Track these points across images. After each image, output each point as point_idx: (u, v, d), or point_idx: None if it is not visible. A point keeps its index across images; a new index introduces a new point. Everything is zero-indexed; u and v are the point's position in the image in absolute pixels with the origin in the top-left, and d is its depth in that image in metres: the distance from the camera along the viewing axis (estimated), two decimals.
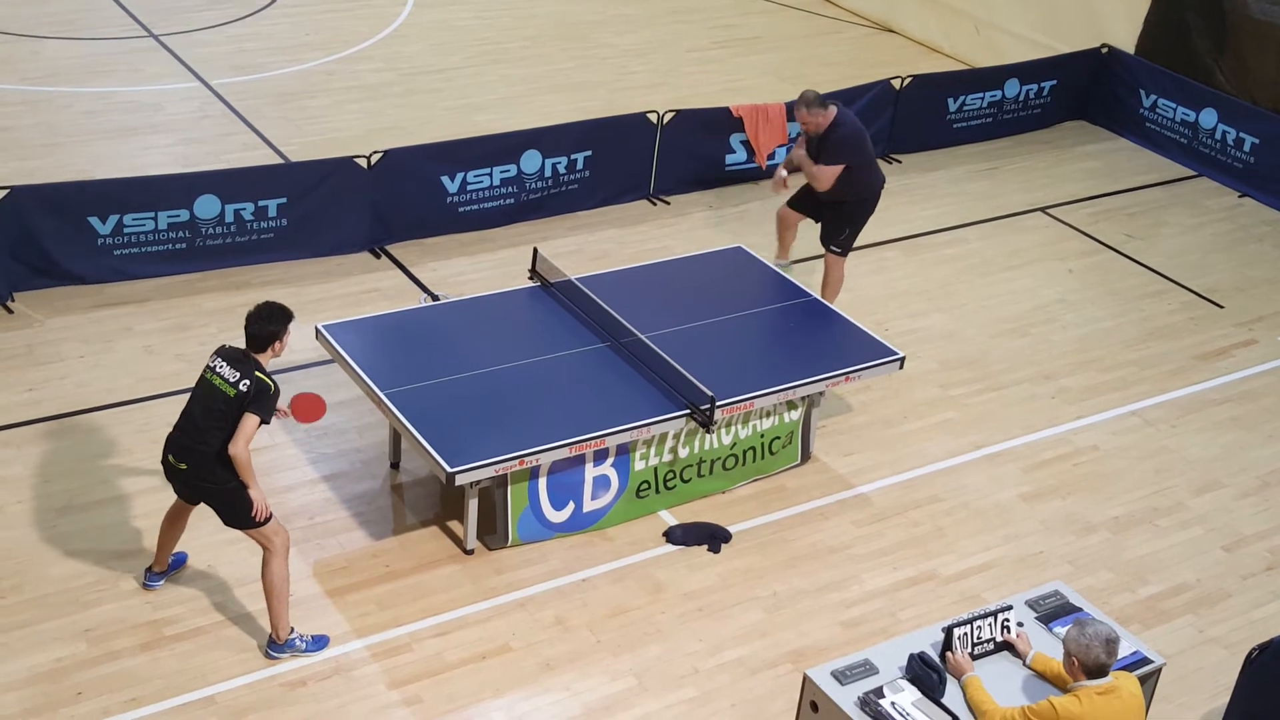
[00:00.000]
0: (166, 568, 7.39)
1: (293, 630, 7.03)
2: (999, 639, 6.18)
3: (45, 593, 7.27)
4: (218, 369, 6.69)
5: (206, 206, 10.03)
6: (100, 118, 12.28)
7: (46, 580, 7.35)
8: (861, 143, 9.49)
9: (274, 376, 6.71)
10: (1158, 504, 8.82)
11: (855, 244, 9.94)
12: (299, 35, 14.39)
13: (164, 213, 9.91)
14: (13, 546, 7.55)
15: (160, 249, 10.01)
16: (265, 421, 6.62)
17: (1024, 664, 6.10)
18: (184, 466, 6.77)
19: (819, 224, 9.84)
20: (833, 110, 9.37)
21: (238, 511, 6.75)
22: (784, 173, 9.77)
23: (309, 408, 7.12)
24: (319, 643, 7.09)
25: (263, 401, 6.59)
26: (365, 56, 14.09)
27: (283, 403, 6.95)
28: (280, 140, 12.15)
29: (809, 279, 10.04)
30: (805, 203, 9.85)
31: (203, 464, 6.70)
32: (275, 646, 7.00)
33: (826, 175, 9.40)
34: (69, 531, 7.70)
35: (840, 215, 9.70)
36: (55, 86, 12.76)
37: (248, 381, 6.58)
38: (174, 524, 7.23)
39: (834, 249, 9.77)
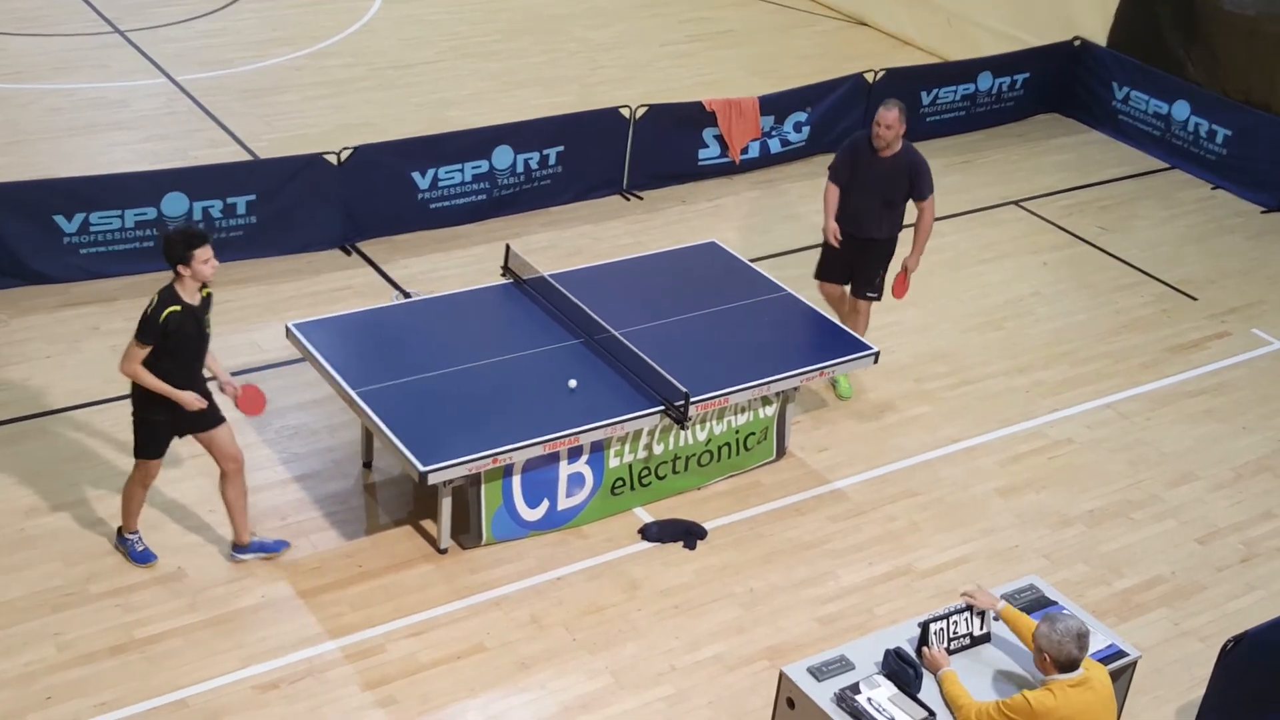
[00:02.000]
0: (249, 542, 7.54)
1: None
2: (975, 633, 6.16)
3: (12, 597, 7.18)
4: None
5: (174, 204, 9.93)
6: (65, 115, 12.15)
7: (14, 584, 7.26)
8: None
9: (167, 298, 6.82)
10: (1132, 497, 8.83)
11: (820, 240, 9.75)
12: (267, 30, 14.28)
13: (131, 211, 9.81)
14: None
15: (127, 247, 9.91)
16: (142, 342, 6.81)
17: (994, 617, 6.08)
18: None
19: (848, 282, 9.27)
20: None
21: (136, 435, 7.16)
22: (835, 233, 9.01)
23: (251, 401, 7.32)
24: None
25: (140, 324, 6.82)
26: (334, 52, 13.99)
27: (232, 383, 7.27)
28: (249, 137, 12.05)
29: (797, 277, 10.01)
30: (836, 268, 9.20)
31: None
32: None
33: (932, 209, 8.97)
34: (36, 534, 7.60)
35: (875, 256, 9.12)
36: (19, 84, 12.62)
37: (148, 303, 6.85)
38: (226, 489, 7.40)
39: (870, 295, 9.23)
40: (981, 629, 6.20)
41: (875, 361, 8.64)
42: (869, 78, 12.84)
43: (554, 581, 7.67)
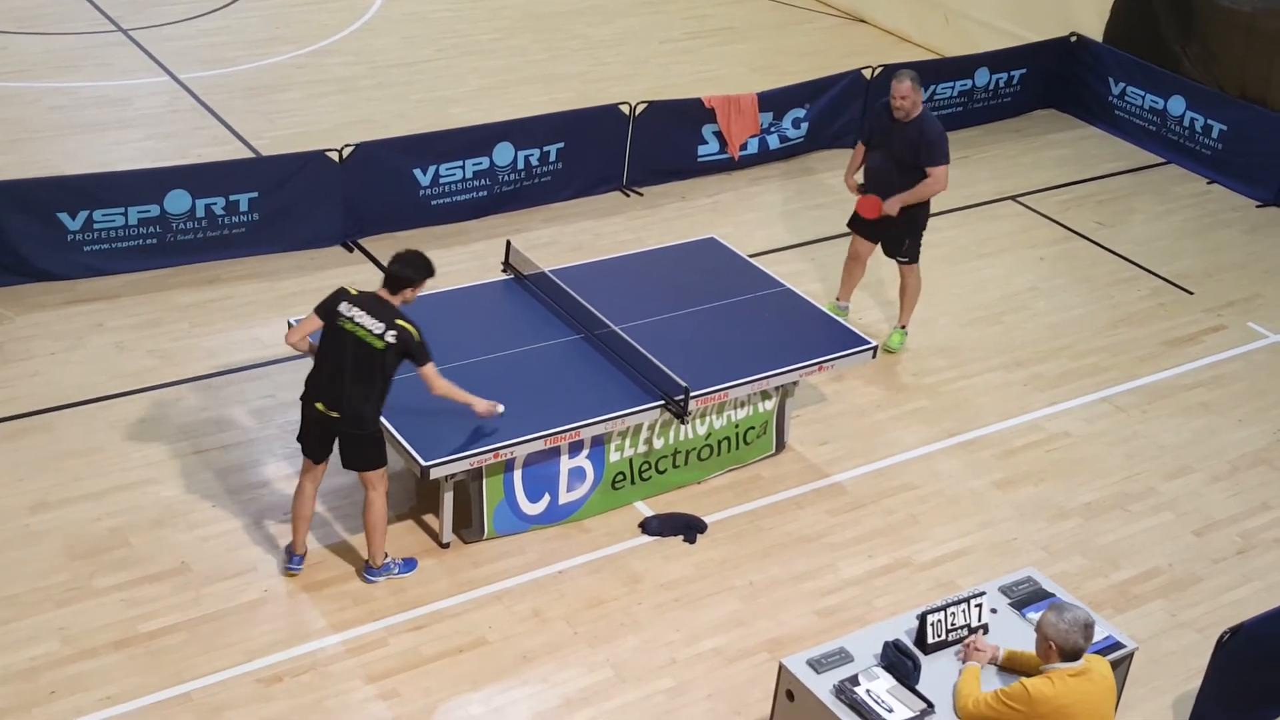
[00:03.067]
0: (306, 549, 7.52)
1: (387, 556, 7.40)
2: (973, 624, 6.21)
3: (17, 591, 7.23)
4: (356, 319, 6.86)
5: (177, 202, 9.98)
6: (68, 113, 12.19)
7: (19, 578, 7.31)
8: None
9: (410, 320, 6.93)
10: (1129, 489, 8.89)
11: (838, 232, 9.82)
12: (269, 29, 14.32)
13: (134, 208, 9.86)
14: None
15: (131, 245, 9.96)
16: (430, 361, 6.95)
17: (997, 669, 6.09)
18: (336, 415, 6.96)
19: (880, 242, 9.65)
20: (921, 97, 9.10)
21: (369, 455, 7.15)
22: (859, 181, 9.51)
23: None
24: (409, 565, 7.50)
25: (419, 352, 6.89)
26: (336, 50, 14.04)
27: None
28: (251, 134, 12.09)
29: (793, 273, 10.06)
30: (866, 225, 9.54)
31: (354, 413, 6.94)
32: (371, 570, 7.37)
33: (941, 178, 9.19)
34: (41, 530, 7.66)
35: (903, 222, 9.45)
36: (22, 82, 12.66)
37: (394, 333, 6.79)
38: (305, 500, 7.34)
39: (903, 259, 9.58)
40: (979, 620, 6.25)
41: (874, 356, 8.70)
42: (867, 74, 12.88)
43: (555, 575, 7.72)
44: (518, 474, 7.76)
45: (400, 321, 6.84)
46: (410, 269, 6.98)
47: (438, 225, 11.02)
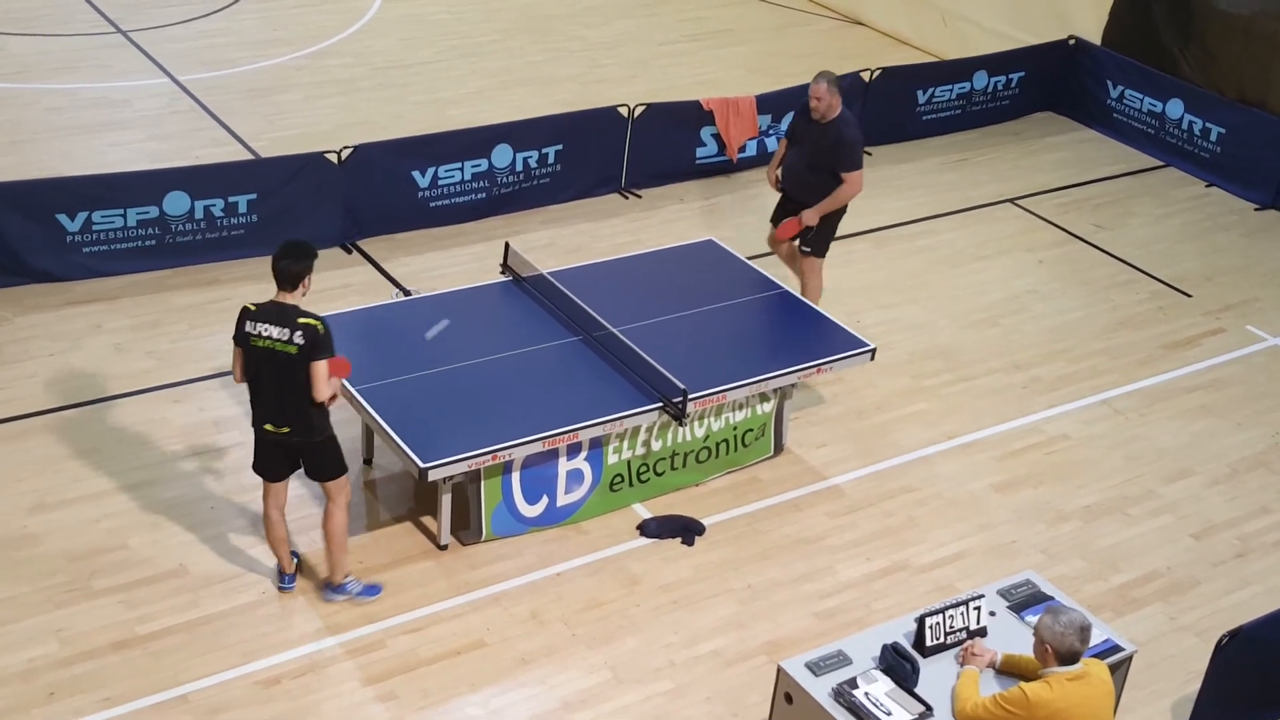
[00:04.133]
0: (294, 568, 7.45)
1: (349, 575, 7.26)
2: (972, 627, 6.21)
3: (16, 593, 7.23)
4: (263, 333, 6.72)
5: (176, 203, 9.98)
6: (67, 114, 12.19)
7: (17, 580, 7.31)
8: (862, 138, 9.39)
9: (314, 313, 6.77)
10: (1128, 492, 8.89)
11: (835, 234, 9.83)
12: (268, 30, 14.32)
13: (133, 209, 9.85)
14: None
15: (130, 246, 9.96)
16: (330, 356, 6.73)
17: (995, 673, 6.09)
18: (286, 430, 6.89)
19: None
20: (839, 100, 9.13)
21: (327, 462, 7.05)
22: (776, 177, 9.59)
23: (339, 367, 7.11)
24: (371, 590, 7.33)
25: (321, 345, 6.70)
26: (335, 51, 14.04)
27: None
28: (250, 136, 12.09)
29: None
30: (781, 217, 9.60)
31: (302, 423, 6.87)
32: (331, 588, 7.25)
33: (856, 183, 9.22)
34: (40, 531, 7.65)
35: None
36: (21, 83, 12.66)
37: (299, 333, 6.66)
38: (276, 523, 7.25)
39: (805, 249, 9.53)
40: (978, 623, 6.25)
41: (872, 358, 8.70)
42: (865, 77, 12.88)
43: (553, 577, 7.72)
44: (516, 476, 7.75)
45: (302, 320, 6.66)
46: (297, 259, 6.75)
47: (436, 227, 11.02)
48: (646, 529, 8.12)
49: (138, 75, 13.04)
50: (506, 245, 9.08)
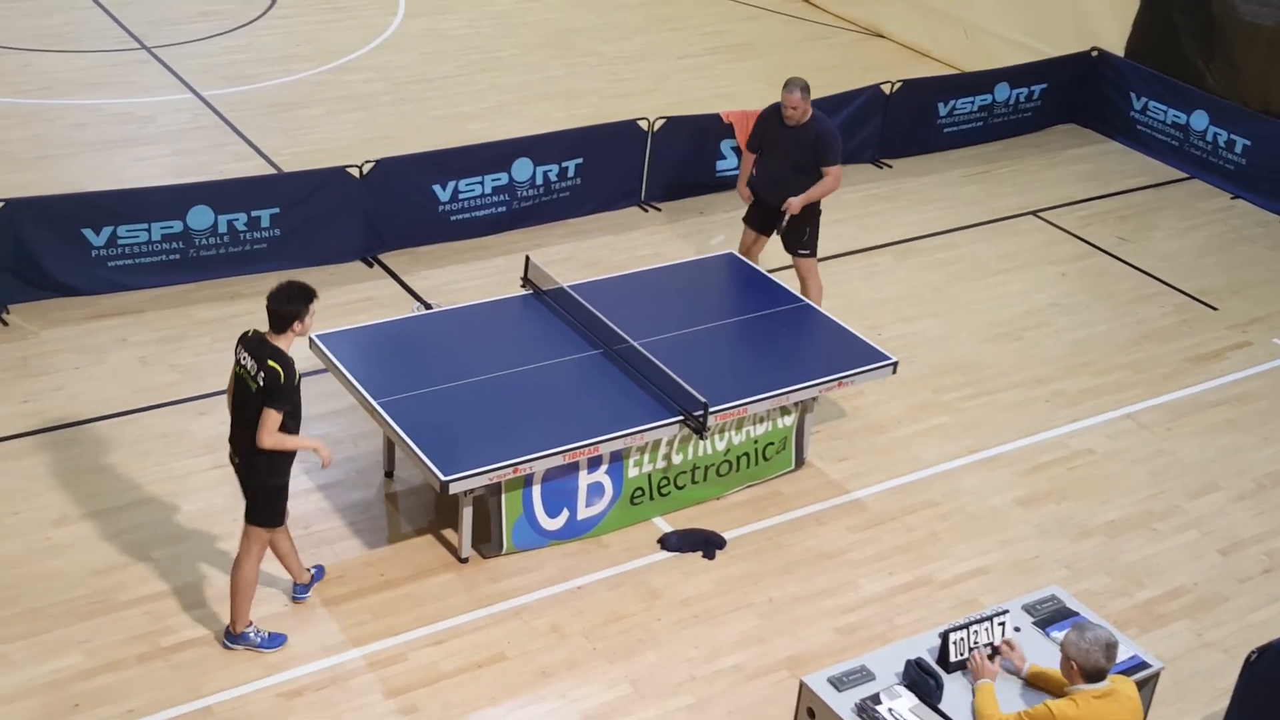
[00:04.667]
0: (310, 579, 7.44)
1: (250, 624, 7.07)
2: (996, 643, 6.17)
3: (41, 605, 7.26)
4: (243, 361, 6.71)
5: (200, 217, 10.03)
6: (92, 130, 12.27)
7: (43, 592, 7.34)
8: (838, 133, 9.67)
9: (289, 359, 6.63)
10: (1153, 507, 8.83)
11: (857, 247, 9.91)
12: (291, 46, 14.40)
13: (157, 224, 9.91)
14: (8, 559, 7.53)
15: (154, 260, 10.01)
16: (283, 410, 6.58)
17: (1020, 676, 6.07)
18: (238, 460, 6.87)
19: (778, 236, 9.77)
20: (810, 104, 9.44)
21: (257, 506, 6.87)
22: (746, 192, 9.83)
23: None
24: (275, 640, 7.12)
25: (276, 394, 6.54)
26: (357, 66, 14.10)
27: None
28: (273, 151, 12.15)
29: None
30: (757, 220, 9.84)
31: (248, 458, 6.78)
32: (231, 637, 7.07)
33: (838, 176, 9.52)
34: (65, 543, 7.68)
35: (801, 215, 9.63)
36: (47, 99, 12.75)
37: (263, 374, 6.58)
38: (280, 540, 7.21)
39: (803, 252, 9.74)
40: (1002, 639, 6.20)
41: (894, 371, 8.67)
42: (886, 89, 12.87)
43: (574, 591, 7.71)
44: (537, 489, 7.76)
45: (270, 362, 6.54)
46: (289, 304, 6.63)
47: (457, 241, 11.05)
48: (667, 542, 8.11)
49: (162, 91, 13.12)
50: (527, 259, 9.09)
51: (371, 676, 7.02)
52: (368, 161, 10.55)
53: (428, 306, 9.97)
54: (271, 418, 6.54)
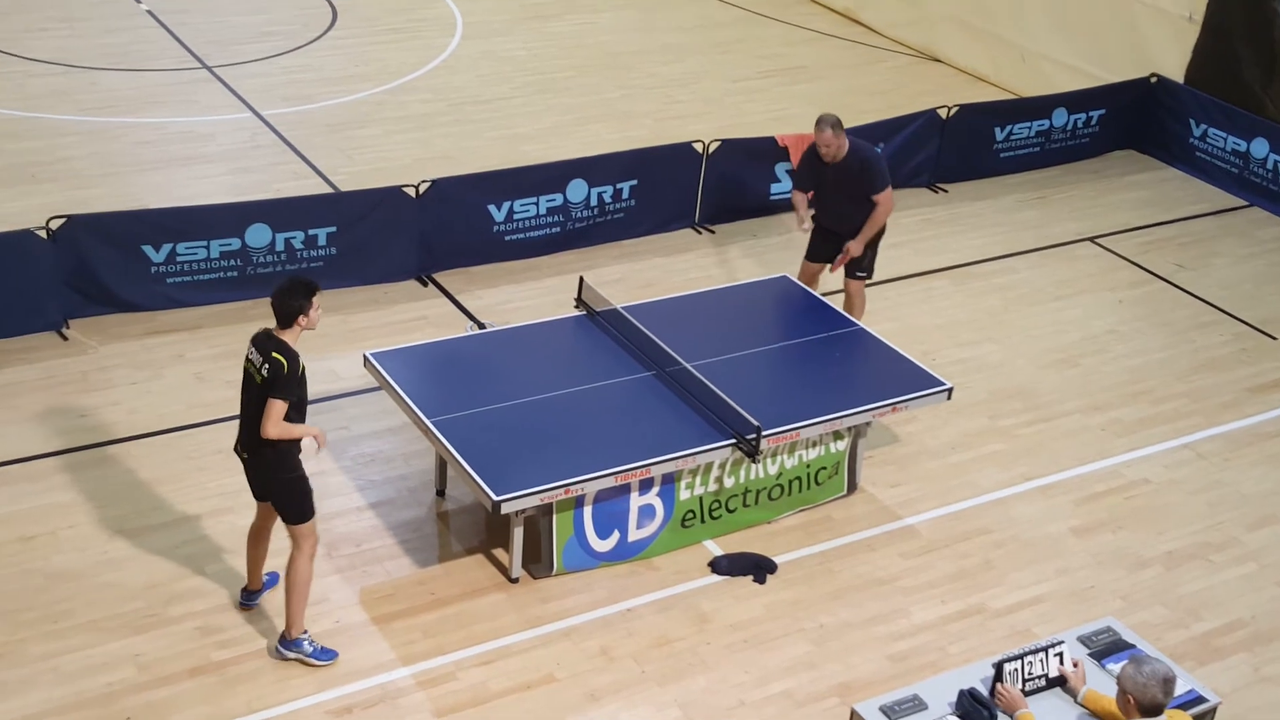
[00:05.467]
0: (261, 586, 7.47)
1: (305, 632, 7.10)
2: (1052, 674, 6.10)
3: (95, 617, 7.33)
4: (250, 355, 6.81)
5: (258, 235, 10.13)
6: (154, 148, 12.44)
7: (97, 605, 7.41)
8: (881, 156, 9.64)
9: (294, 351, 6.71)
10: (1211, 539, 8.70)
11: (911, 271, 9.88)
12: (350, 67, 14.54)
13: (216, 241, 10.02)
14: (65, 572, 7.62)
15: (212, 277, 10.12)
16: (288, 400, 6.65)
17: (1075, 700, 6.01)
18: (246, 455, 6.91)
19: (827, 262, 9.81)
20: (845, 137, 9.43)
21: (286, 498, 6.90)
22: (806, 223, 9.76)
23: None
24: (326, 655, 7.14)
25: (279, 383, 6.62)
26: (414, 87, 14.22)
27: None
28: (330, 170, 12.27)
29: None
30: (820, 249, 9.82)
31: (257, 452, 6.84)
32: (284, 643, 7.10)
33: (888, 202, 9.51)
34: (120, 557, 7.76)
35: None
36: (111, 117, 12.94)
37: (267, 365, 6.65)
38: (257, 541, 7.32)
39: (860, 274, 9.75)
40: (1058, 670, 6.13)
41: (949, 397, 8.61)
42: (942, 113, 12.82)
43: (624, 613, 7.69)
44: (588, 510, 7.75)
45: (275, 354, 6.62)
46: (292, 298, 6.72)
47: (511, 261, 11.10)
48: (718, 566, 8.07)
49: (222, 110, 13.29)
50: (581, 280, 9.11)
51: (421, 695, 7.03)
52: (424, 181, 10.63)
53: (481, 326, 10.01)
54: (276, 408, 6.62)
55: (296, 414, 6.78)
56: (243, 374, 6.89)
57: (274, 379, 6.63)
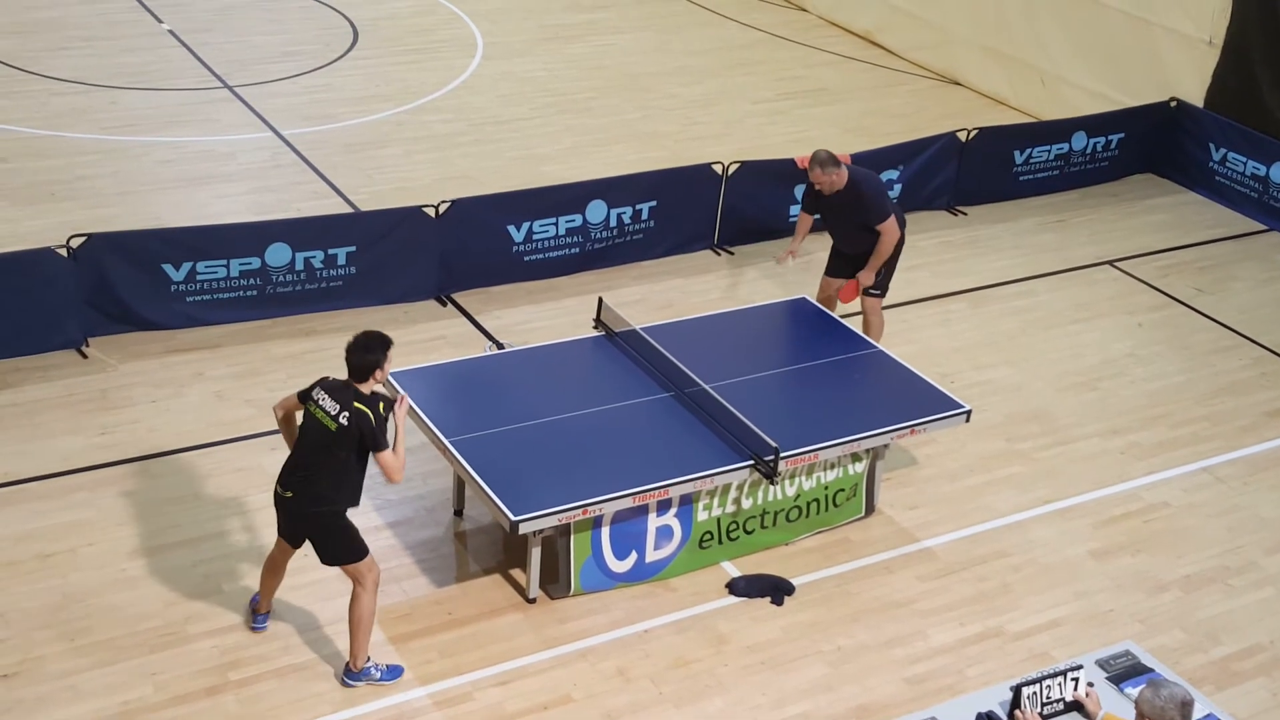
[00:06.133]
0: (270, 609, 7.49)
1: (369, 659, 7.10)
2: (1068, 699, 6.07)
3: (113, 635, 7.35)
4: (320, 401, 6.81)
5: (277, 254, 10.18)
6: (175, 167, 12.52)
7: (115, 623, 7.43)
8: (884, 187, 9.68)
9: (376, 395, 6.75)
10: (1230, 563, 8.66)
11: (931, 294, 9.88)
12: (370, 87, 14.62)
13: (236, 260, 10.07)
14: (83, 589, 7.64)
15: (232, 296, 10.16)
16: (387, 446, 6.70)
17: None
18: (290, 494, 6.90)
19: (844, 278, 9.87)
20: (845, 170, 9.45)
21: (336, 543, 6.90)
22: (792, 259, 9.90)
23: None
24: (393, 672, 7.16)
25: (373, 435, 6.67)
26: (434, 107, 14.28)
27: None
28: (350, 189, 12.32)
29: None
30: (838, 266, 9.89)
31: (309, 495, 6.84)
32: (351, 674, 7.09)
33: (891, 230, 9.50)
34: (138, 575, 7.78)
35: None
36: (132, 136, 13.03)
37: (347, 414, 6.67)
38: (273, 571, 7.33)
39: (874, 292, 9.78)
40: (1074, 694, 6.10)
41: (967, 420, 8.59)
42: (962, 136, 12.83)
43: (641, 634, 7.68)
44: (605, 531, 7.75)
45: (357, 404, 6.66)
46: (368, 353, 6.75)
47: (530, 281, 11.12)
48: (735, 587, 8.06)
49: (243, 130, 13.37)
50: (600, 300, 9.13)
51: (437, 715, 7.02)
52: (444, 201, 10.67)
53: (500, 346, 10.03)
54: (386, 458, 6.70)
55: (360, 464, 6.82)
56: (306, 419, 6.88)
57: (366, 432, 6.65)
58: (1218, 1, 13.57)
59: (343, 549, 6.93)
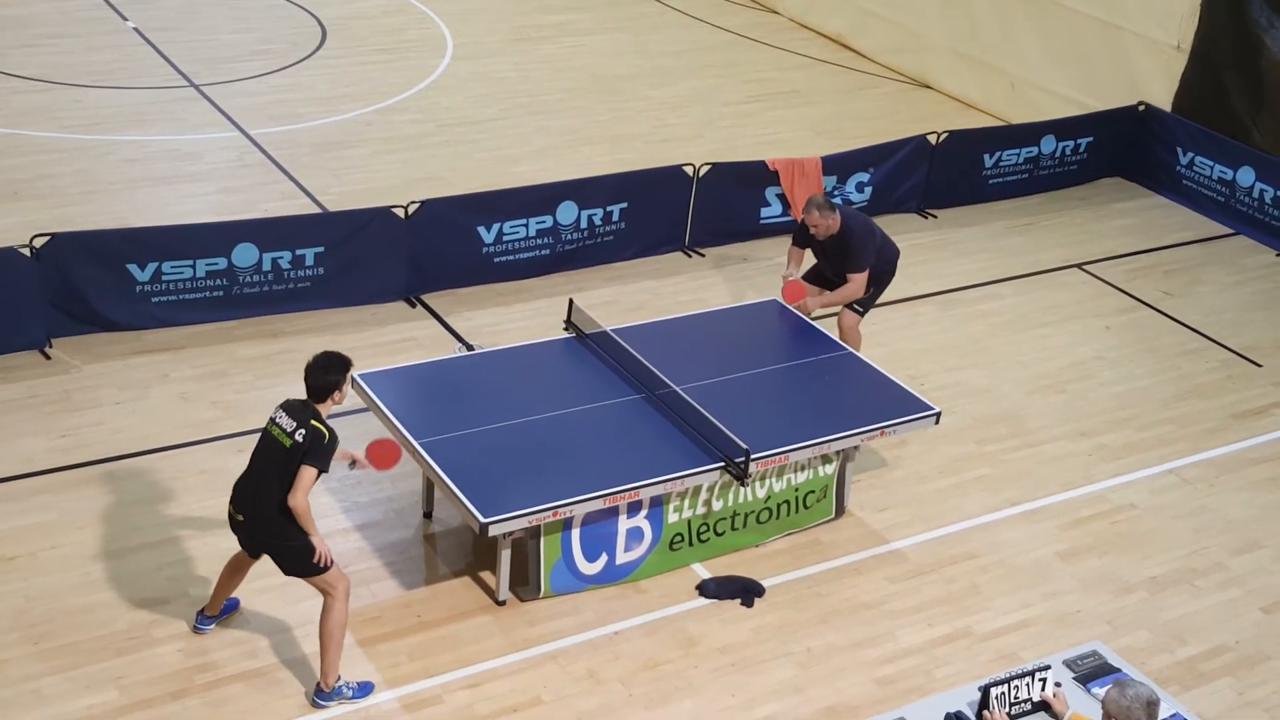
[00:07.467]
0: (219, 612, 7.41)
1: (339, 678, 7.01)
2: (1036, 699, 6.09)
3: (76, 639, 7.27)
4: (277, 419, 6.74)
5: (244, 255, 10.11)
6: (140, 166, 12.41)
7: (78, 627, 7.35)
8: (873, 238, 9.57)
9: (331, 425, 6.70)
10: (1196, 564, 8.71)
11: (901, 296, 9.89)
12: (339, 86, 14.54)
13: (202, 261, 9.99)
14: (46, 593, 7.56)
15: (198, 296, 10.09)
16: (323, 471, 6.63)
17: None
18: (241, 517, 6.81)
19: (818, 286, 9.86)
20: (839, 216, 9.45)
21: (298, 561, 6.79)
22: (793, 274, 9.82)
23: (385, 454, 7.18)
24: (364, 689, 7.07)
25: (318, 451, 6.60)
26: (404, 107, 14.22)
27: (354, 451, 7.14)
28: (318, 190, 12.25)
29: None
30: (816, 280, 9.85)
31: (260, 515, 6.75)
32: (323, 695, 6.98)
33: (860, 283, 9.53)
34: (102, 578, 7.71)
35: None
36: (96, 135, 12.92)
37: (303, 431, 6.61)
38: (233, 575, 7.26)
39: (856, 308, 9.74)
40: (1042, 695, 6.11)
41: (937, 422, 8.61)
42: (932, 139, 12.87)
43: (611, 636, 7.66)
44: (576, 533, 7.73)
45: (314, 423, 6.62)
46: (328, 374, 6.72)
47: (500, 282, 11.09)
48: (705, 589, 8.05)
49: (209, 129, 13.27)
50: (570, 302, 9.11)
51: (407, 718, 6.98)
52: (413, 202, 10.62)
53: (469, 348, 10.00)
54: (308, 475, 6.57)
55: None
56: (261, 436, 6.82)
57: (313, 446, 6.58)
58: (1186, 7, 13.67)
59: (303, 564, 6.80)
